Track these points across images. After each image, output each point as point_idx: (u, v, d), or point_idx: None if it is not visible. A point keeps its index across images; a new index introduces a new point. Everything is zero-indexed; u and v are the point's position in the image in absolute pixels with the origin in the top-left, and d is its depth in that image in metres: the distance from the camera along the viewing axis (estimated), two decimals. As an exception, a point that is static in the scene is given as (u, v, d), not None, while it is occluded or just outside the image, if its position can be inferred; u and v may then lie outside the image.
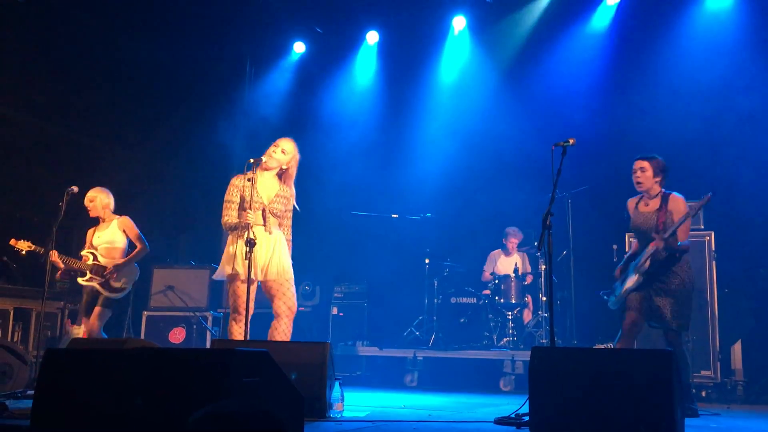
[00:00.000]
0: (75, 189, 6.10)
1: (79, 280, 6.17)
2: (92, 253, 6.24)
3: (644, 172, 5.20)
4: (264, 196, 5.21)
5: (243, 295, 5.05)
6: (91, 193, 6.35)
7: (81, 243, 6.78)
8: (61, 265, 6.12)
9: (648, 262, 5.01)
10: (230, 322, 5.22)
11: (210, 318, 8.08)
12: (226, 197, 5.23)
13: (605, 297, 5.60)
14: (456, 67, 9.18)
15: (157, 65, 9.27)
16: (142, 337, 7.82)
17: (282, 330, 5.14)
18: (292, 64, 9.96)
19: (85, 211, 6.42)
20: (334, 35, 9.59)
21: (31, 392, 5.20)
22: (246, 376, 2.48)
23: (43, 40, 8.16)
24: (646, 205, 5.22)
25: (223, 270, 5.22)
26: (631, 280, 5.11)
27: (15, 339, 7.34)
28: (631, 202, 5.39)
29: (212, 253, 9.48)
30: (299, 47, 9.82)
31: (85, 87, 8.67)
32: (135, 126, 9.51)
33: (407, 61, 9.34)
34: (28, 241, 6.18)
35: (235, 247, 5.14)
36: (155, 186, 9.37)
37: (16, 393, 5.13)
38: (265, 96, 9.95)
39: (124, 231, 6.33)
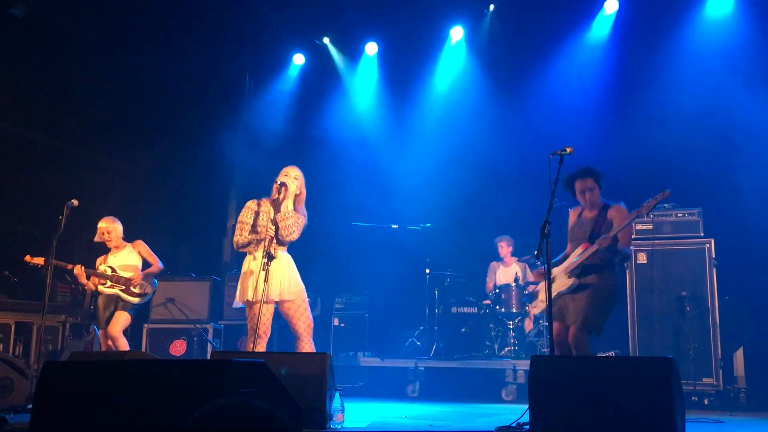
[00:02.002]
0: (75, 202, 6.09)
1: (101, 287, 6.17)
2: (111, 267, 6.28)
3: (593, 192, 5.06)
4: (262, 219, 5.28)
5: (262, 317, 5.04)
6: (107, 225, 6.35)
7: (81, 256, 6.80)
8: (84, 280, 6.14)
9: (581, 263, 4.85)
10: (248, 347, 5.13)
11: (211, 330, 8.07)
12: (240, 218, 5.30)
13: (527, 303, 5.55)
14: (455, 77, 9.21)
15: (157, 79, 9.32)
16: (144, 349, 7.81)
17: (306, 350, 5.17)
18: (291, 76, 10.00)
19: (86, 223, 6.42)
20: (334, 47, 9.64)
21: (30, 406, 5.21)
22: (242, 386, 2.48)
23: (43, 55, 8.20)
24: (590, 212, 5.13)
25: (240, 296, 5.23)
26: (564, 283, 4.97)
27: (16, 353, 7.33)
28: (573, 212, 5.32)
29: (212, 266, 9.51)
30: (299, 59, 9.86)
31: (85, 101, 8.70)
32: (135, 139, 9.54)
33: (406, 72, 9.37)
34: (42, 257, 6.16)
35: (248, 270, 5.18)
36: (155, 199, 9.39)
37: (16, 407, 5.13)
38: (265, 108, 9.99)
39: (139, 252, 6.38)
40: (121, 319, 6.13)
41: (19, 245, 7.95)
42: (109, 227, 6.34)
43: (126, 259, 6.33)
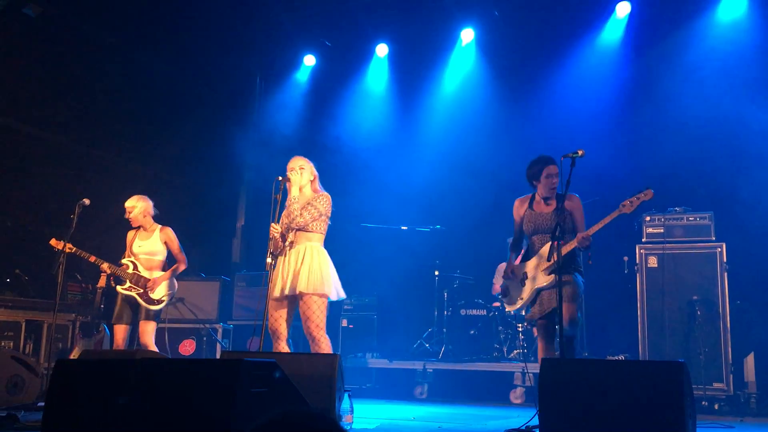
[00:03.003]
0: (86, 202, 6.07)
1: (118, 288, 6.08)
2: (133, 262, 6.16)
3: (556, 178, 4.98)
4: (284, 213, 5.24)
5: (274, 313, 4.97)
6: (129, 203, 6.22)
7: (95, 253, 6.81)
8: (108, 270, 6.04)
9: (557, 259, 4.64)
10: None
11: (220, 330, 8.09)
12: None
13: (501, 299, 5.46)
14: (465, 80, 9.20)
15: (167, 79, 9.36)
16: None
17: (319, 351, 4.92)
18: (302, 77, 10.01)
19: (96, 222, 6.42)
20: (344, 48, 9.64)
21: (42, 404, 5.23)
22: (254, 386, 2.48)
23: (55, 54, 8.25)
24: (547, 205, 5.03)
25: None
26: (542, 280, 4.88)
27: (26, 351, 7.36)
28: (522, 203, 5.20)
29: (222, 266, 9.53)
30: (309, 60, 9.87)
31: (96, 101, 8.74)
32: (147, 139, 9.58)
33: (416, 74, 9.37)
34: (67, 242, 6.04)
35: (270, 266, 5.10)
36: (166, 199, 9.38)
37: (27, 404, 5.15)
38: (276, 109, 10.01)
39: (165, 243, 6.28)
40: (149, 329, 6.10)
41: (30, 244, 8.00)
42: (130, 205, 6.19)
43: (152, 247, 6.22)
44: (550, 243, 4.74)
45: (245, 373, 2.43)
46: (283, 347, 5.03)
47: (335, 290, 5.12)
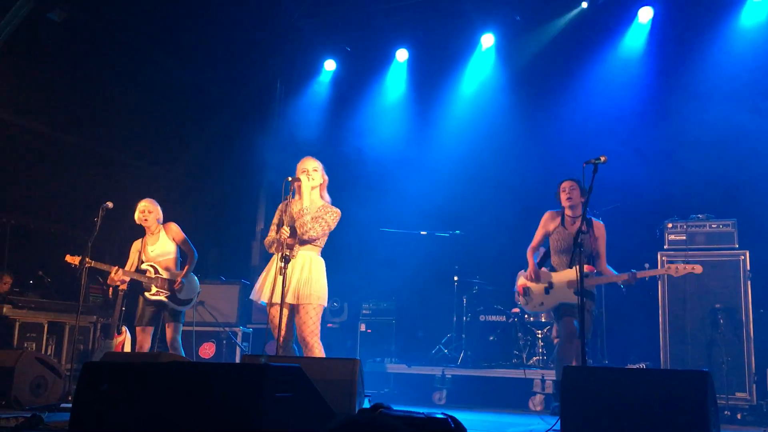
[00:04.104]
0: (110, 205, 6.10)
1: (146, 294, 6.10)
2: (152, 266, 6.20)
3: (574, 191, 5.41)
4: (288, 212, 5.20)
5: (274, 320, 4.95)
6: (147, 206, 6.24)
7: (113, 257, 6.87)
8: (126, 278, 6.10)
9: (582, 285, 4.71)
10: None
11: (240, 333, 8.12)
12: (273, 219, 5.25)
13: (520, 296, 5.64)
14: (485, 85, 9.17)
15: (189, 84, 9.44)
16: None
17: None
18: (323, 82, 10.04)
19: (119, 225, 6.46)
20: (365, 53, 9.67)
21: (65, 405, 5.29)
22: (279, 391, 2.49)
23: (79, 59, 8.35)
24: (573, 224, 5.36)
25: (256, 293, 5.19)
26: (568, 296, 5.25)
27: (48, 352, 7.46)
28: (553, 217, 5.55)
29: (242, 269, 9.58)
30: (330, 65, 9.89)
31: (120, 105, 8.84)
32: (168, 143, 9.68)
33: (436, 79, 9.36)
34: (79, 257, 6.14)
35: (268, 269, 5.14)
36: (186, 202, 9.50)
37: (51, 406, 5.21)
38: (296, 113, 10.05)
39: (173, 239, 6.32)
40: (175, 332, 6.14)
41: (53, 247, 8.10)
42: (150, 207, 6.24)
43: (163, 247, 6.27)
44: (582, 265, 4.91)
45: (271, 378, 2.45)
46: (291, 351, 5.08)
47: (326, 298, 5.20)
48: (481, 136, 8.84)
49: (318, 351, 5.00)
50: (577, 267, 4.80)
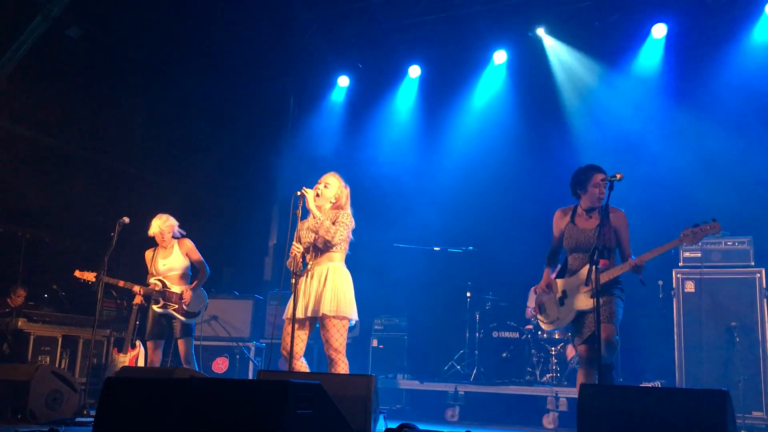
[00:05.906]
0: (126, 220, 6.10)
1: (154, 307, 6.13)
2: (161, 281, 6.25)
3: (605, 188, 4.63)
4: (304, 232, 5.13)
5: (287, 337, 4.87)
6: (164, 223, 6.28)
7: (126, 271, 6.89)
8: (140, 292, 6.16)
9: (598, 282, 4.39)
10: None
11: (253, 348, 8.13)
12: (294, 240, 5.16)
13: (536, 315, 5.15)
14: (497, 101, 9.18)
15: (203, 99, 9.52)
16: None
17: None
18: (336, 98, 10.08)
19: (133, 239, 6.49)
20: (378, 69, 9.71)
21: (80, 419, 5.30)
22: (299, 408, 2.49)
23: (95, 75, 8.45)
24: (588, 219, 4.78)
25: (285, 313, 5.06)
26: (583, 302, 4.65)
27: (62, 366, 7.48)
28: (563, 215, 4.92)
29: (255, 284, 9.59)
30: (343, 81, 9.93)
31: (134, 120, 8.92)
32: (181, 158, 9.74)
33: (448, 95, 9.39)
34: (90, 272, 6.22)
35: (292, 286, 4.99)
36: (199, 216, 9.55)
37: (66, 419, 5.22)
38: (309, 129, 10.09)
39: (187, 255, 6.35)
40: (187, 346, 6.17)
41: (68, 260, 8.15)
42: (167, 225, 6.27)
43: (175, 261, 6.30)
44: (589, 266, 4.52)
45: (292, 395, 2.45)
46: (299, 366, 4.97)
47: (355, 312, 5.03)
48: (493, 152, 8.85)
49: (342, 369, 4.86)
50: (588, 266, 4.48)
